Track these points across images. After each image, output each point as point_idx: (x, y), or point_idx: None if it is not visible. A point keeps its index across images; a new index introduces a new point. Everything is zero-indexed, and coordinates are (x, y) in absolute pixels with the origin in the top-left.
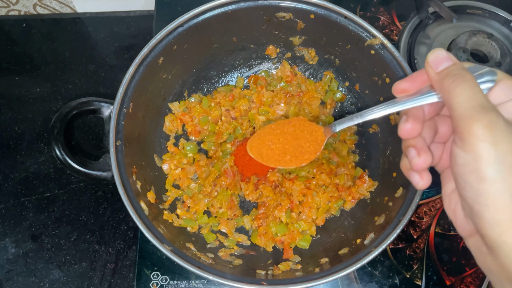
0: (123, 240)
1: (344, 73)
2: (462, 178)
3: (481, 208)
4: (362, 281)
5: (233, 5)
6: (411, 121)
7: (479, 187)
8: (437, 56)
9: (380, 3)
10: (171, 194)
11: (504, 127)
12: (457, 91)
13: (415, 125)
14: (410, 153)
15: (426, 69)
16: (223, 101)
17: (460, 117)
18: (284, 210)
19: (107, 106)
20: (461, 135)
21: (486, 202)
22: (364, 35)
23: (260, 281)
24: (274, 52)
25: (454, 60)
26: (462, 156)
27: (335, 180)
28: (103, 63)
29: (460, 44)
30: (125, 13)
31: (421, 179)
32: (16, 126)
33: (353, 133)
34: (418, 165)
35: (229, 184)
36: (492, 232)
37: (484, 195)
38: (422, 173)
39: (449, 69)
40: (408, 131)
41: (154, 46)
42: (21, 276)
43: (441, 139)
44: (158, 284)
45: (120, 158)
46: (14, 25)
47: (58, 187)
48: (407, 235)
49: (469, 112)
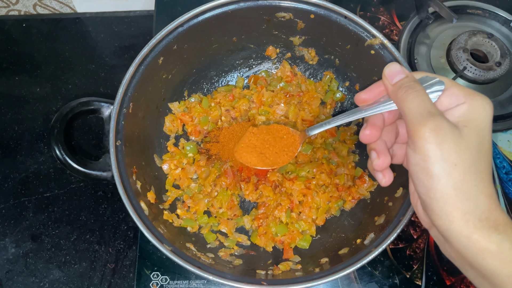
0: (123, 240)
1: (344, 73)
2: (415, 176)
3: (432, 202)
4: (362, 281)
5: (233, 5)
6: (369, 128)
7: (428, 183)
8: (391, 69)
9: (380, 3)
10: (171, 194)
11: (448, 129)
12: (408, 100)
13: (373, 131)
14: (371, 155)
15: (383, 81)
16: (223, 101)
17: (410, 123)
18: (284, 210)
19: (107, 106)
20: (412, 138)
21: (435, 197)
22: (364, 35)
23: (260, 281)
24: (274, 53)
25: (407, 73)
26: (413, 156)
27: (335, 180)
28: (103, 63)
29: (460, 44)
30: (125, 13)
31: (383, 177)
32: (16, 126)
33: (353, 133)
34: (378, 165)
35: (229, 184)
36: (442, 223)
37: (433, 190)
38: (384, 172)
39: (402, 81)
40: (366, 137)
41: (154, 46)
42: (21, 276)
43: (403, 140)
44: (158, 284)
45: (120, 158)
46: (14, 25)
47: (58, 187)
48: (407, 235)
49: (418, 117)
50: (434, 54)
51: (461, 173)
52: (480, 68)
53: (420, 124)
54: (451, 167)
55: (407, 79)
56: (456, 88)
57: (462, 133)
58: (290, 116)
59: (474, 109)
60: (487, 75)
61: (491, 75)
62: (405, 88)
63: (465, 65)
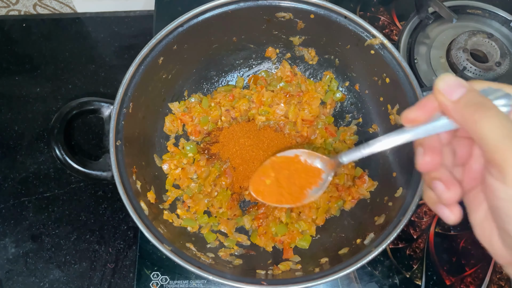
0: (123, 240)
1: (344, 73)
2: (505, 213)
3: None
4: (362, 281)
5: (233, 5)
6: (429, 154)
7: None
8: (447, 83)
9: (380, 3)
10: (171, 194)
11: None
12: (484, 122)
13: (434, 156)
14: (437, 187)
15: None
16: (223, 101)
17: (495, 149)
18: (284, 210)
19: (107, 106)
20: (500, 168)
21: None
22: (364, 35)
23: (260, 281)
24: (274, 54)
25: (467, 86)
26: (503, 190)
27: (335, 180)
28: (103, 63)
29: (460, 44)
30: (125, 13)
31: (451, 213)
32: (16, 126)
33: (353, 133)
34: (449, 199)
35: (229, 184)
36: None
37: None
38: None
39: (467, 98)
40: (428, 165)
41: (154, 46)
42: (21, 276)
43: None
44: (158, 284)
45: (120, 158)
46: (14, 25)
47: (58, 187)
48: (407, 235)
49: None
50: (434, 54)
51: None
52: (480, 68)
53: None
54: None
55: (472, 94)
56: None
57: None
58: (290, 116)
59: None
60: (487, 75)
61: (491, 75)
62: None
63: (465, 65)
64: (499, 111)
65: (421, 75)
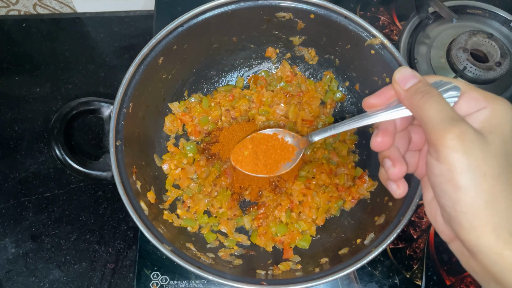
0: (123, 240)
1: (344, 73)
2: (439, 188)
3: (459, 215)
4: (362, 281)
5: (233, 5)
6: (381, 135)
7: (455, 195)
8: (403, 74)
9: (380, 3)
10: (171, 194)
11: (474, 136)
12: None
13: (385, 138)
14: (386, 163)
15: (393, 86)
16: (223, 101)
17: (432, 130)
18: (284, 210)
19: (107, 106)
20: (435, 147)
21: (463, 210)
22: (364, 35)
23: (260, 281)
24: (274, 54)
25: (420, 77)
26: (437, 166)
27: (335, 180)
28: (103, 63)
29: (460, 44)
30: (125, 13)
31: (398, 188)
32: (16, 126)
33: (353, 133)
34: (394, 174)
35: (229, 184)
36: (470, 237)
37: (461, 202)
38: (399, 182)
39: (416, 86)
40: (379, 144)
41: (154, 46)
42: (21, 276)
43: (415, 147)
44: (158, 284)
45: (120, 158)
46: (14, 25)
47: (58, 187)
48: (407, 235)
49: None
50: (434, 54)
51: (491, 183)
52: (480, 68)
53: (444, 131)
54: (480, 177)
55: (421, 84)
56: (475, 92)
57: (487, 140)
58: (290, 116)
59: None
60: (487, 75)
61: (491, 75)
62: (421, 93)
63: (465, 65)
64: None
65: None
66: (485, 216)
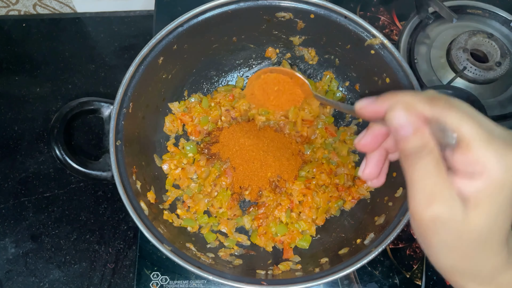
0: (123, 240)
1: (344, 73)
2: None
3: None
4: (362, 281)
5: (233, 5)
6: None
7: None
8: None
9: (380, 3)
10: (171, 194)
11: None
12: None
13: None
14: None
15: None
16: (223, 101)
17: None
18: (284, 210)
19: (107, 106)
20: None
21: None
22: (364, 35)
23: (260, 281)
24: (274, 54)
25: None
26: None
27: (335, 180)
28: (103, 63)
29: (460, 44)
30: (125, 13)
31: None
32: (16, 126)
33: (353, 133)
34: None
35: (229, 184)
36: None
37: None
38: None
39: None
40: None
41: (154, 46)
42: (21, 276)
43: None
44: (158, 284)
45: (120, 158)
46: (14, 25)
47: (58, 187)
48: (407, 235)
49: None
50: (434, 54)
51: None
52: (480, 68)
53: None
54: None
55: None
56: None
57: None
58: (290, 116)
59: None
60: (487, 75)
61: (491, 75)
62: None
63: (465, 65)
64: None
65: (421, 75)
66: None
